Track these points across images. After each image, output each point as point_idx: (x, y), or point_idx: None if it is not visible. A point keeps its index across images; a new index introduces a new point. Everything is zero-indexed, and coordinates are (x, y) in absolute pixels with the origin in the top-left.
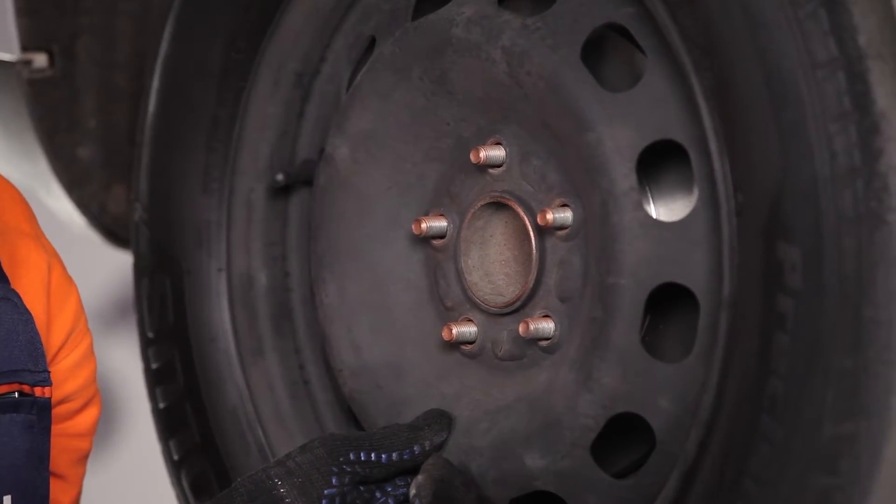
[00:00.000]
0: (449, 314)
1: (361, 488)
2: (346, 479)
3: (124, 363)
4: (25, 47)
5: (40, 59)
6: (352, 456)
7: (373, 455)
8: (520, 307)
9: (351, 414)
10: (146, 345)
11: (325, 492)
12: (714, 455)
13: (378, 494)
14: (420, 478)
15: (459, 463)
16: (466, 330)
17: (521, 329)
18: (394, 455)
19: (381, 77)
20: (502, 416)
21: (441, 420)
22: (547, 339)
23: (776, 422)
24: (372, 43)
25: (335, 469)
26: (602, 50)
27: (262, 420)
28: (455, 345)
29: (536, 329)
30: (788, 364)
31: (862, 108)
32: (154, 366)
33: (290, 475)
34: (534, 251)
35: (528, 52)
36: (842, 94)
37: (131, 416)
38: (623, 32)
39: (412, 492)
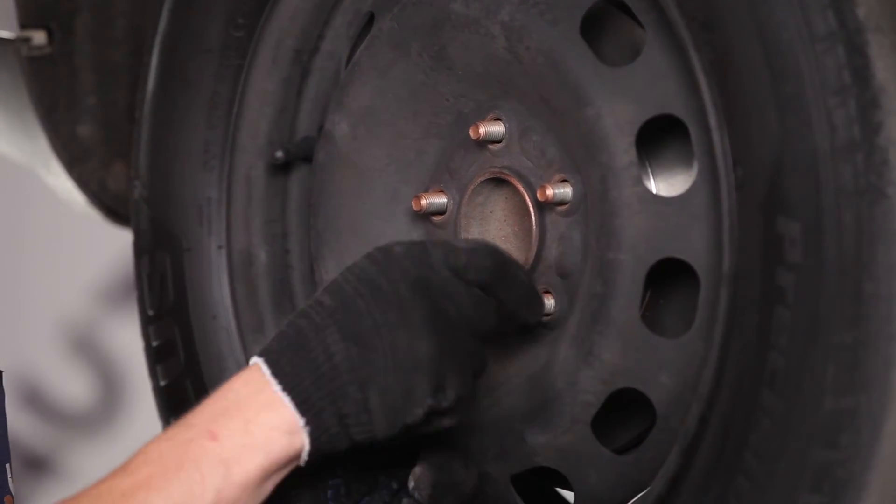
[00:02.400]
0: None
1: (366, 474)
2: (350, 468)
3: (126, 341)
4: (24, 25)
5: (39, 37)
6: None
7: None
8: None
9: None
10: (146, 323)
11: (330, 482)
12: (714, 430)
13: (382, 477)
14: (417, 469)
15: (460, 442)
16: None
17: None
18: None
19: (380, 53)
20: (502, 393)
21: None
22: (547, 314)
23: (776, 396)
24: (371, 19)
25: (338, 458)
26: (601, 24)
27: None
28: None
29: None
30: (789, 338)
31: (861, 81)
32: (155, 343)
33: (295, 469)
34: (534, 227)
35: (527, 26)
36: (841, 67)
37: (135, 394)
38: (622, 7)
39: (411, 484)
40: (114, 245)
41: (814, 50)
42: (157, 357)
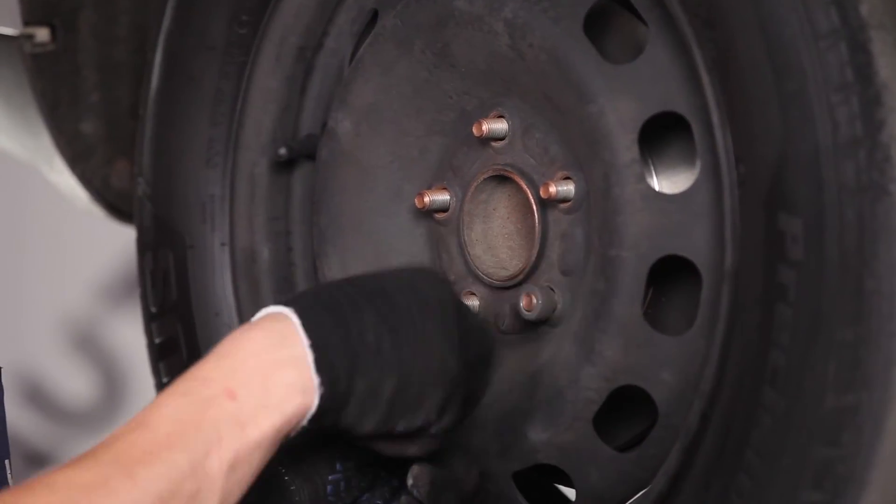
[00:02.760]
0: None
1: (366, 469)
2: (350, 464)
3: (129, 338)
4: (27, 21)
5: (42, 34)
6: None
7: None
8: (522, 280)
9: None
10: (149, 319)
11: (330, 477)
12: (716, 427)
13: (381, 473)
14: (416, 467)
15: (462, 439)
16: (469, 303)
17: (523, 303)
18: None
19: (384, 50)
20: (505, 390)
21: None
22: (550, 311)
23: (778, 393)
24: (374, 16)
25: (339, 454)
26: (604, 22)
27: None
28: None
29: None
30: (790, 336)
31: (864, 78)
32: (157, 340)
33: (293, 461)
34: (536, 224)
35: (530, 24)
36: (844, 64)
37: (137, 391)
38: (625, 4)
39: (409, 482)
40: (116, 242)
41: (816, 47)
42: (160, 354)
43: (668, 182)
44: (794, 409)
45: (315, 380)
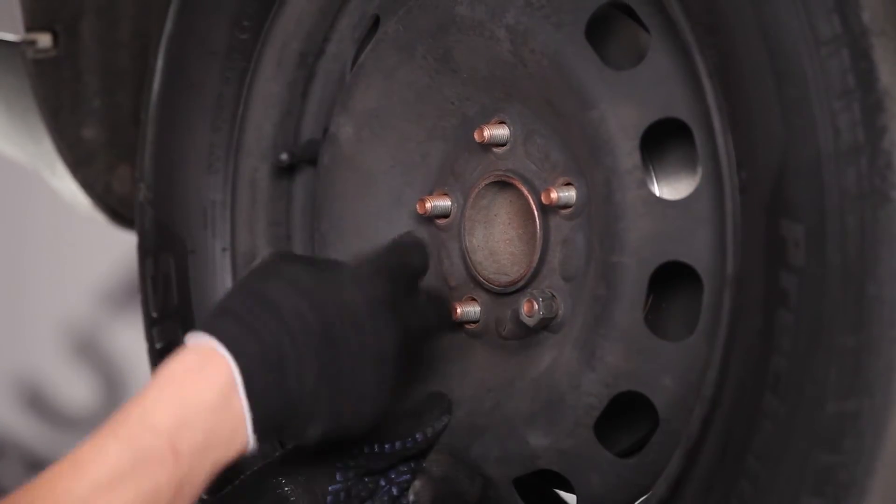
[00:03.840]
0: (453, 293)
1: (366, 479)
2: (350, 474)
3: (130, 343)
4: (29, 27)
5: (44, 40)
6: (354, 449)
7: (375, 446)
8: (524, 286)
9: None
10: (150, 324)
11: (330, 488)
12: (717, 433)
13: (382, 483)
14: (417, 483)
15: (463, 445)
16: (470, 309)
17: (524, 309)
18: (396, 444)
19: (385, 56)
20: (506, 395)
21: (441, 404)
22: (551, 317)
23: (779, 399)
24: (376, 22)
25: (338, 464)
26: (606, 28)
27: None
28: (459, 324)
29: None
30: (792, 341)
31: (866, 85)
32: (158, 345)
33: (293, 472)
34: (537, 230)
35: (532, 29)
36: (846, 71)
37: None
38: (627, 10)
39: (411, 497)
40: (118, 247)
41: (818, 53)
42: (161, 359)
43: (670, 188)
44: (796, 415)
45: (252, 442)
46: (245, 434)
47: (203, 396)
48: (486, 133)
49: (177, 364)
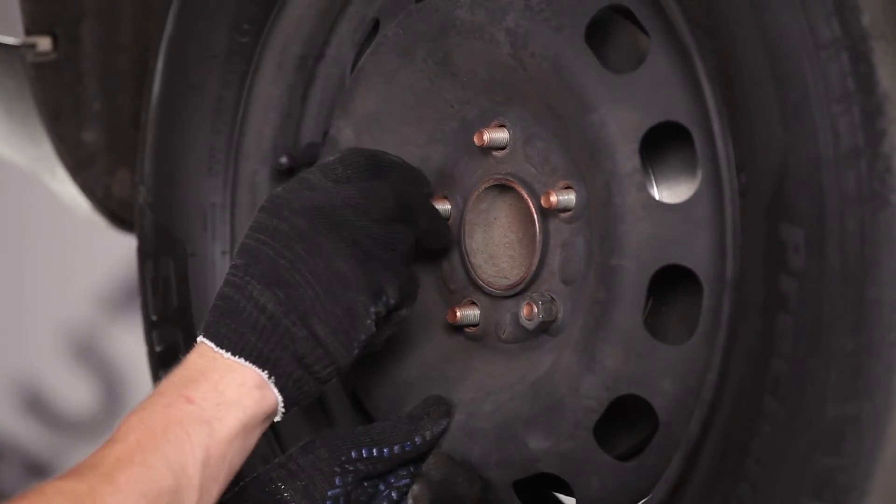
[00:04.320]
0: (452, 297)
1: (365, 484)
2: (350, 478)
3: (129, 347)
4: (29, 31)
5: (44, 43)
6: (353, 454)
7: (374, 451)
8: (523, 289)
9: (354, 396)
10: (150, 328)
11: (329, 493)
12: (716, 436)
13: (381, 487)
14: (416, 487)
15: (462, 448)
16: (470, 313)
17: (524, 312)
18: (395, 448)
19: (385, 59)
20: (505, 399)
21: (440, 407)
22: (551, 320)
23: (779, 403)
24: (376, 25)
25: (338, 469)
26: (605, 31)
27: None
28: (459, 327)
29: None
30: (791, 345)
31: (865, 89)
32: (158, 349)
33: (292, 478)
34: (537, 233)
35: (531, 33)
36: (845, 74)
37: (138, 399)
38: (626, 14)
39: (409, 501)
40: (117, 251)
41: (818, 57)
42: (161, 362)
43: (670, 191)
44: (795, 418)
45: (262, 374)
46: (255, 375)
47: (193, 362)
48: (486, 136)
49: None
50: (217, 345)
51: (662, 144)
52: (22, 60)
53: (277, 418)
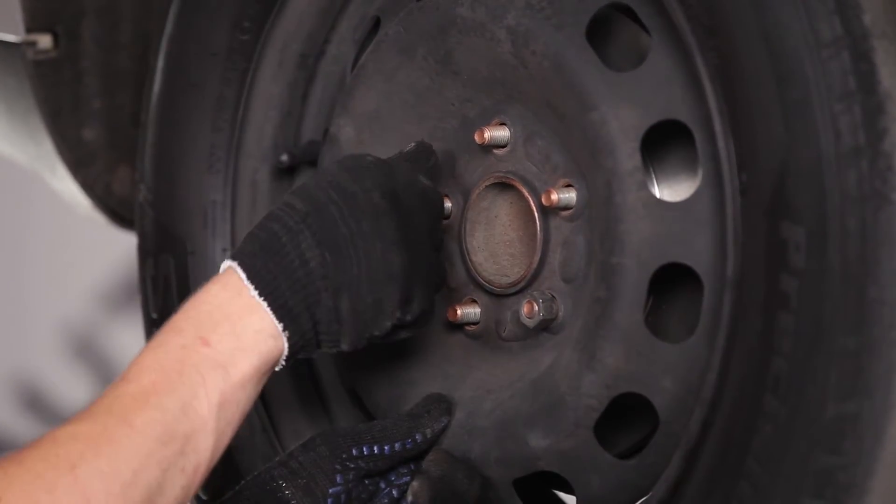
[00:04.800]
0: (453, 295)
1: (366, 481)
2: (350, 476)
3: (129, 345)
4: (30, 28)
5: (45, 41)
6: (354, 451)
7: (375, 448)
8: (524, 288)
9: (354, 394)
10: (150, 325)
11: (330, 490)
12: (717, 435)
13: (382, 485)
14: (415, 483)
15: (463, 446)
16: (471, 311)
17: (524, 310)
18: (396, 446)
19: (386, 57)
20: (506, 397)
21: (441, 405)
22: (551, 319)
23: (779, 401)
24: (377, 24)
25: (338, 466)
26: (607, 30)
27: (265, 400)
28: (459, 325)
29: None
30: (792, 344)
31: (867, 87)
32: None
33: (293, 476)
34: (538, 232)
35: (532, 31)
36: (847, 73)
37: None
38: (628, 12)
39: (409, 498)
40: (118, 248)
41: (819, 56)
42: None
43: (670, 190)
44: (796, 417)
45: (278, 325)
46: (272, 323)
47: (215, 294)
48: (487, 135)
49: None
50: (248, 277)
51: (663, 143)
52: (22, 58)
53: (277, 368)
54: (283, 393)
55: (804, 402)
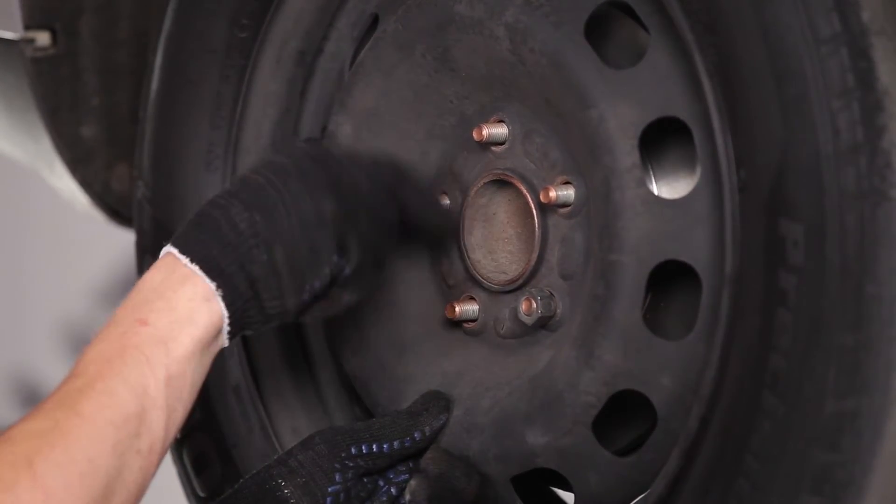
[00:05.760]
0: (451, 292)
1: (365, 480)
2: (350, 474)
3: None
4: (28, 26)
5: (43, 38)
6: (353, 450)
7: (374, 446)
8: (522, 285)
9: (353, 391)
10: None
11: (329, 489)
12: (715, 432)
13: (381, 483)
14: (413, 482)
15: (461, 443)
16: (469, 308)
17: (523, 307)
18: (395, 444)
19: (384, 54)
20: (504, 394)
21: (439, 403)
22: (550, 316)
23: (778, 398)
24: (375, 21)
25: (337, 465)
26: (605, 27)
27: (263, 397)
28: (457, 323)
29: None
30: (790, 340)
31: (865, 84)
32: None
33: (292, 474)
34: (536, 229)
35: (531, 28)
36: (845, 70)
37: None
38: (626, 9)
39: (407, 497)
40: (116, 246)
41: (818, 52)
42: None
43: (669, 187)
44: (794, 414)
45: (211, 285)
46: (206, 285)
47: (151, 278)
48: (485, 132)
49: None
50: (179, 250)
51: (662, 140)
52: (20, 55)
53: (225, 343)
54: (282, 391)
55: (802, 398)
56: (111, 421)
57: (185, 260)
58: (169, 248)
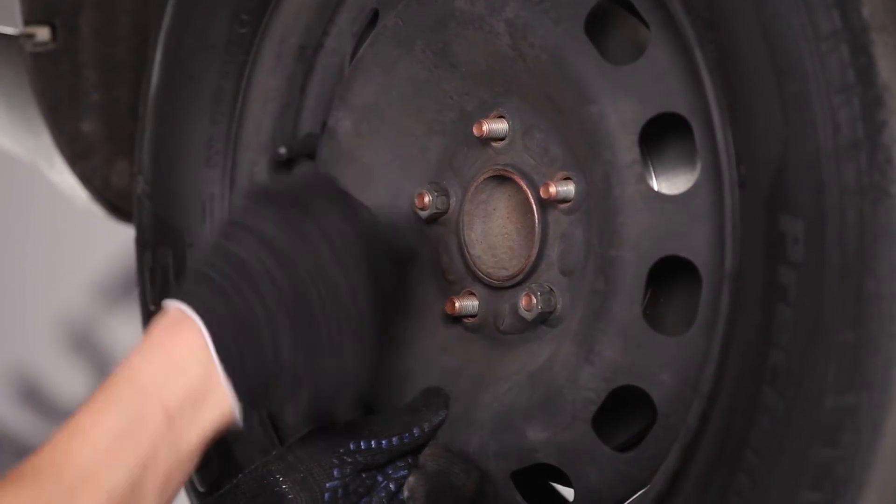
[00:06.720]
0: (451, 288)
1: (364, 475)
2: (348, 470)
3: (128, 337)
4: (28, 21)
5: (43, 33)
6: (352, 446)
7: (373, 442)
8: (522, 280)
9: None
10: (148, 317)
11: (328, 485)
12: (715, 428)
13: (379, 479)
14: (412, 479)
15: (461, 439)
16: (469, 303)
17: (523, 303)
18: (394, 440)
19: (384, 50)
20: (504, 390)
21: (439, 398)
22: (550, 312)
23: (777, 394)
24: (375, 16)
25: (336, 461)
26: (605, 23)
27: None
28: (457, 318)
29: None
30: (790, 336)
31: (865, 80)
32: None
33: (291, 470)
34: (536, 224)
35: (531, 24)
36: (845, 66)
37: None
38: (626, 5)
39: (405, 493)
40: (116, 241)
41: (818, 48)
42: None
43: (669, 183)
44: (794, 410)
45: (235, 406)
46: (226, 398)
47: (182, 358)
48: (485, 127)
49: (158, 329)
50: (219, 354)
51: (662, 136)
52: (20, 50)
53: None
54: None
55: (802, 394)
56: None
57: (220, 369)
58: (205, 336)
